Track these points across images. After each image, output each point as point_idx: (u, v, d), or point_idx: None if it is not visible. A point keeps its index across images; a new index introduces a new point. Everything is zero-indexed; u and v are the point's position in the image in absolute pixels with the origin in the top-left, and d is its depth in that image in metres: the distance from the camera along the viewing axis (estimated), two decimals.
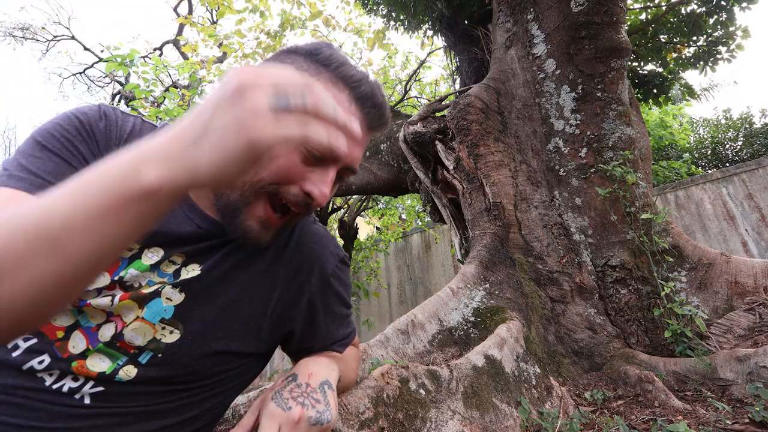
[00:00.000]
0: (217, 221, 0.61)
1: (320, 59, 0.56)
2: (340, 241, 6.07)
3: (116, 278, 0.57)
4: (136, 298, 0.56)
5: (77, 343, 0.54)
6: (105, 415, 0.53)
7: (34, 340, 0.52)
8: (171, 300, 0.57)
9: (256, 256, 0.65)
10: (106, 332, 0.55)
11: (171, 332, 0.57)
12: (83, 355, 0.53)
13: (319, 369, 0.63)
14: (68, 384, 0.52)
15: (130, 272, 0.57)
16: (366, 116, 0.58)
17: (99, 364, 0.53)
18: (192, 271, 0.60)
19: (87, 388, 0.53)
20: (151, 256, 0.59)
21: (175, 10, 7.68)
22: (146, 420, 0.56)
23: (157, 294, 0.57)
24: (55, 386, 0.52)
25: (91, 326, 0.55)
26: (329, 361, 0.67)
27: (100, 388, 0.53)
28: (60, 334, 0.53)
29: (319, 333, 0.73)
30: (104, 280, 0.56)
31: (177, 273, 0.59)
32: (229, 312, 0.61)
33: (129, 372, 0.55)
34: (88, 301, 0.54)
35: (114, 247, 0.34)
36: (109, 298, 0.55)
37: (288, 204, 0.55)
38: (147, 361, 0.56)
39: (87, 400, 0.53)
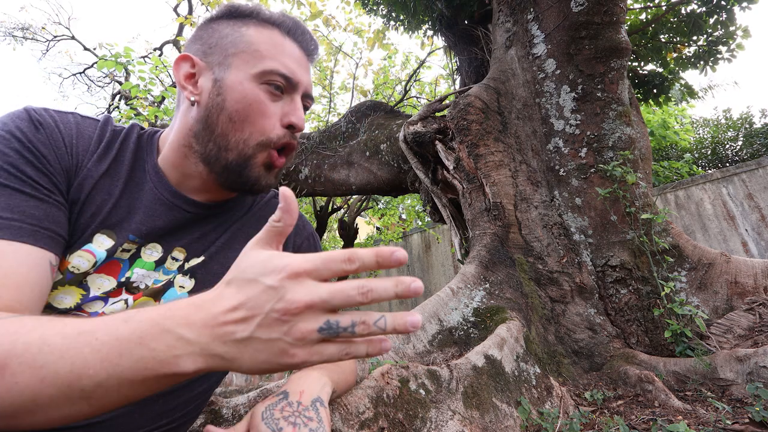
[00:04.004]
0: (202, 203, 0.64)
1: (240, 13, 0.62)
2: (340, 242, 6.06)
3: (122, 280, 0.57)
4: (150, 294, 0.58)
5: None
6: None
7: None
8: (184, 287, 0.61)
9: (242, 236, 0.69)
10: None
11: None
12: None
13: (311, 384, 0.62)
14: None
15: (136, 272, 0.58)
16: (300, 43, 0.64)
17: None
18: (195, 260, 0.63)
19: None
20: (151, 253, 0.60)
21: (175, 10, 7.68)
22: (165, 400, 0.59)
23: (170, 284, 0.60)
24: None
25: None
26: (321, 374, 0.66)
27: None
28: None
29: None
30: (109, 283, 0.56)
31: (182, 269, 0.62)
32: None
33: None
34: (101, 311, 0.54)
35: (138, 399, 0.36)
36: (122, 303, 0.55)
37: (276, 143, 0.61)
38: None
39: None
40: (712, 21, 3.26)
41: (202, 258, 0.63)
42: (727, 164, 7.39)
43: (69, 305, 0.54)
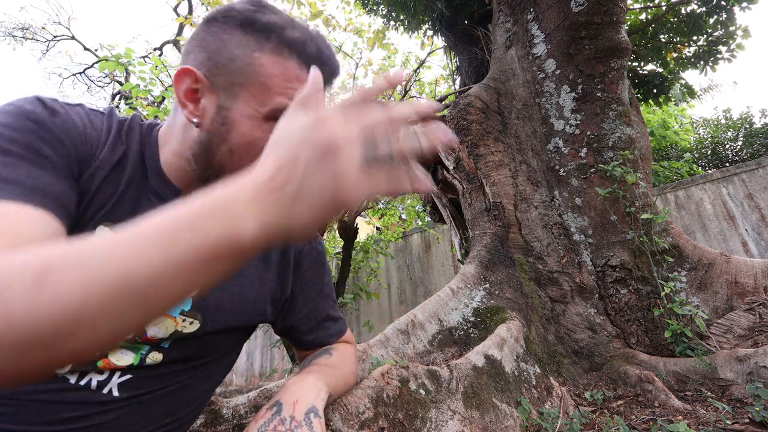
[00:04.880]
0: None
1: (259, 28, 0.54)
2: (340, 242, 6.07)
3: None
4: None
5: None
6: (132, 404, 0.55)
7: None
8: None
9: None
10: None
11: (191, 323, 0.58)
12: (103, 353, 0.53)
13: (306, 392, 0.60)
14: (95, 378, 0.53)
15: None
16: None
17: (123, 358, 0.54)
18: None
19: (115, 378, 0.54)
20: None
21: (175, 10, 7.68)
22: (168, 400, 0.59)
23: None
24: (82, 382, 0.52)
25: None
26: (317, 380, 0.65)
27: (129, 376, 0.54)
28: None
29: (307, 300, 0.75)
30: None
31: None
32: (239, 297, 0.64)
33: (155, 357, 0.56)
34: None
35: (198, 291, 0.34)
36: None
37: None
38: (170, 345, 0.58)
39: (115, 392, 0.53)
40: (712, 21, 3.26)
41: None
42: (727, 164, 7.39)
43: None
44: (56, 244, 0.32)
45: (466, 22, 3.61)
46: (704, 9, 3.21)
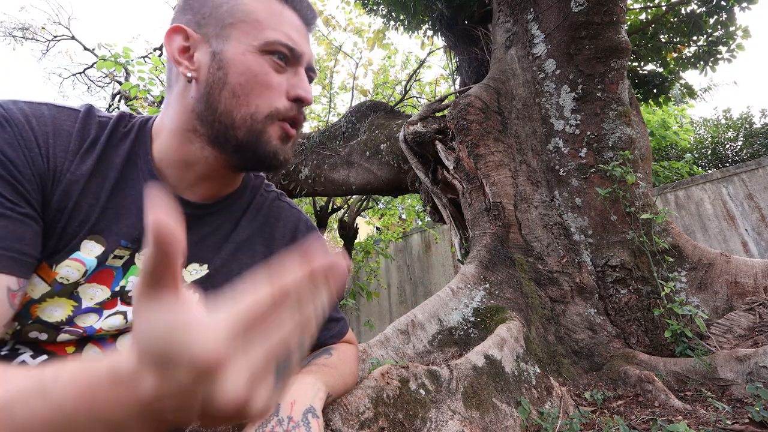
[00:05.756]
0: (197, 203, 0.61)
1: None
2: (340, 242, 6.07)
3: (116, 289, 0.54)
4: None
5: (93, 356, 0.52)
6: None
7: (44, 357, 0.50)
8: None
9: (248, 247, 0.66)
10: (127, 342, 0.54)
11: None
12: None
13: (304, 392, 0.59)
14: None
15: (131, 280, 0.55)
16: (300, 13, 0.60)
17: None
18: (195, 271, 0.59)
19: None
20: None
21: None
22: None
23: None
24: None
25: (105, 338, 0.53)
26: (315, 379, 0.64)
27: None
28: (71, 350, 0.52)
29: None
30: (103, 293, 0.54)
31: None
32: None
33: None
34: (98, 327, 0.52)
35: None
36: (120, 317, 0.52)
37: (285, 115, 0.57)
38: None
39: None
40: (712, 21, 3.26)
41: (205, 270, 0.60)
42: (727, 164, 7.39)
43: (60, 318, 0.51)
44: None
45: (466, 22, 3.61)
46: (704, 9, 3.21)
